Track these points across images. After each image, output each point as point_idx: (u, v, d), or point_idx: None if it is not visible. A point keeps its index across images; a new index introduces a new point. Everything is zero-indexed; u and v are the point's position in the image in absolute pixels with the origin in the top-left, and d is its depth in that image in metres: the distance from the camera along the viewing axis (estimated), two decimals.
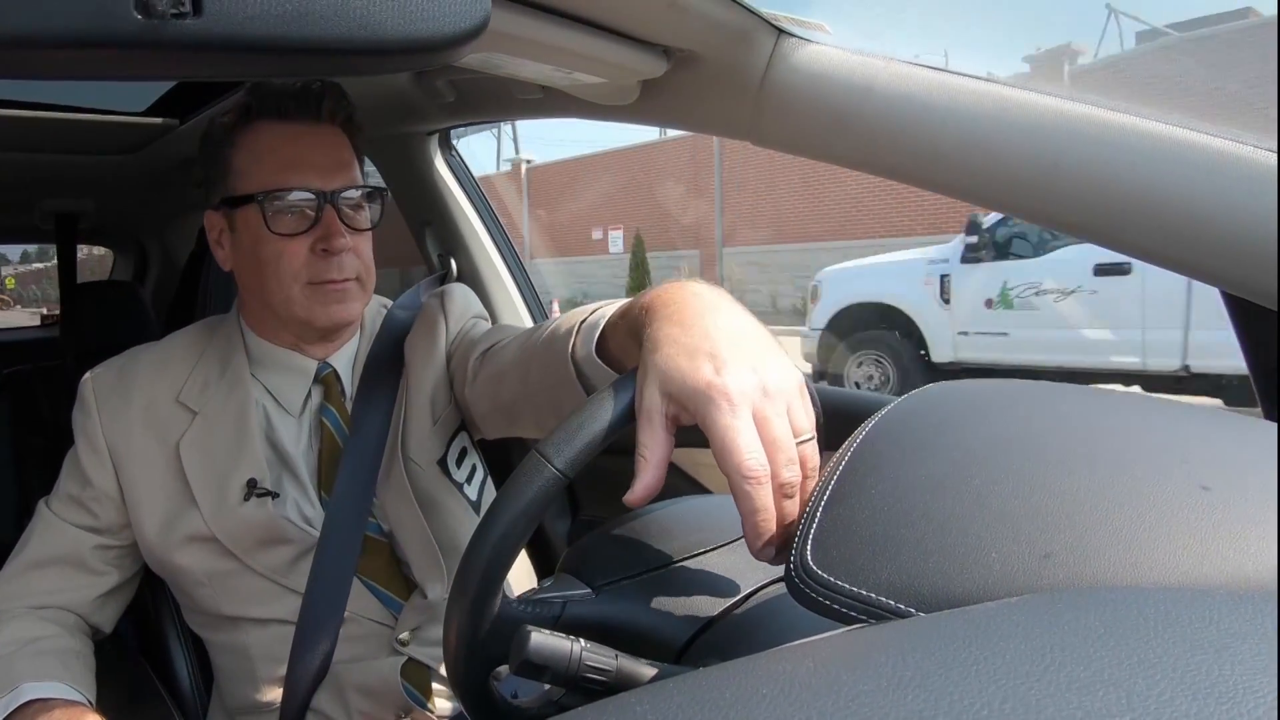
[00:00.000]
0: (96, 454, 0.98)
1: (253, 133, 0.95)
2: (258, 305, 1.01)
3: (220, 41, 0.43)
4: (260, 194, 0.92)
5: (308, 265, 0.94)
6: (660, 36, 0.84)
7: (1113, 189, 0.67)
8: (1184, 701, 0.23)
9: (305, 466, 1.01)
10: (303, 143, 0.95)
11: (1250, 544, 0.34)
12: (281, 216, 0.93)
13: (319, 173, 0.94)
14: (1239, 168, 0.62)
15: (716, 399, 0.52)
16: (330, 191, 0.94)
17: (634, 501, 0.54)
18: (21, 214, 2.01)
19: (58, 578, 0.97)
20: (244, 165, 0.95)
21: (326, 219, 0.93)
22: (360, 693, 0.96)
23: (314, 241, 0.94)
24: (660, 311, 0.61)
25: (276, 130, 0.95)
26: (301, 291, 0.95)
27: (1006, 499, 0.39)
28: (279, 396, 1.02)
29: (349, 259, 0.96)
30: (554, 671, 0.50)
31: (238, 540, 0.95)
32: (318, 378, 1.03)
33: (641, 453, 0.54)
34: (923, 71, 0.75)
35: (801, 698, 0.26)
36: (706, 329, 0.57)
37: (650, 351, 0.57)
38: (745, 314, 0.61)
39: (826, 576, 0.41)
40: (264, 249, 0.94)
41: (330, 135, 0.97)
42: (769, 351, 0.56)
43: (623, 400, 0.56)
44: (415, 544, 1.01)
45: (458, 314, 1.10)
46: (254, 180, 0.94)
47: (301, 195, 0.93)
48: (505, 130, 23.59)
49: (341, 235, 0.94)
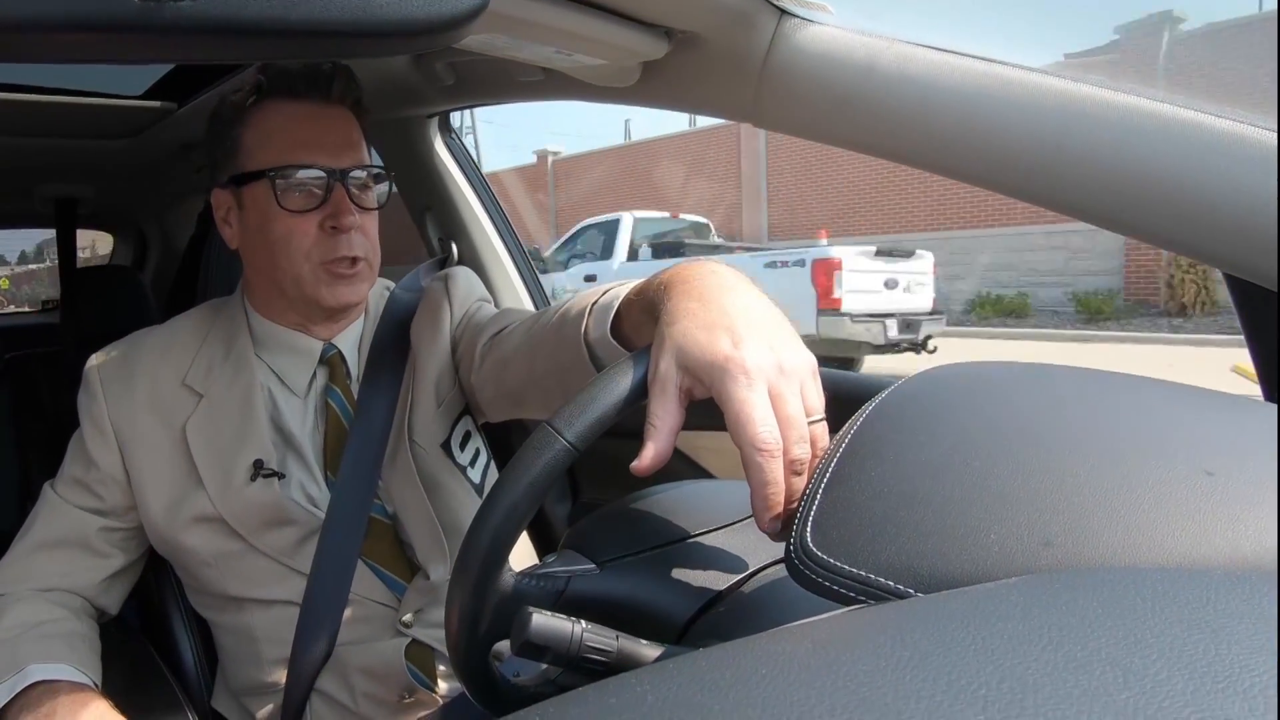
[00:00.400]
0: (102, 437, 0.98)
1: (263, 111, 0.96)
2: (264, 284, 1.01)
3: (217, 24, 0.43)
4: (271, 170, 0.93)
5: (318, 243, 0.95)
6: (661, 17, 0.83)
7: (1116, 171, 0.67)
8: (1181, 680, 0.23)
9: (311, 448, 1.01)
10: (314, 122, 0.96)
11: (1248, 525, 0.34)
12: (291, 193, 0.94)
13: (329, 152, 0.95)
14: (1242, 149, 0.62)
15: (734, 372, 0.53)
16: (340, 170, 0.95)
17: (641, 469, 0.54)
18: (20, 199, 2.00)
19: (64, 560, 0.97)
20: (254, 143, 0.95)
21: (336, 197, 0.94)
22: (364, 674, 0.97)
23: (323, 219, 0.94)
24: (679, 288, 0.62)
25: (287, 109, 0.95)
26: (312, 271, 0.95)
27: (1006, 481, 0.39)
28: (284, 377, 1.03)
29: (357, 237, 0.96)
30: (555, 652, 0.51)
31: (243, 521, 0.96)
32: (323, 359, 1.04)
33: (652, 421, 0.54)
34: (926, 52, 0.74)
35: (800, 678, 0.26)
36: (725, 306, 0.58)
37: (667, 324, 0.58)
38: (761, 295, 0.61)
39: (826, 558, 0.41)
40: (273, 226, 0.94)
41: (340, 116, 0.98)
42: (784, 331, 0.57)
43: (637, 374, 0.56)
44: (419, 526, 1.01)
45: (461, 297, 1.10)
46: (264, 157, 0.94)
47: (312, 173, 0.94)
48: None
49: (351, 213, 0.95)
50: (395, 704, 0.98)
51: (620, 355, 0.74)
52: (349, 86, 0.99)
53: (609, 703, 0.28)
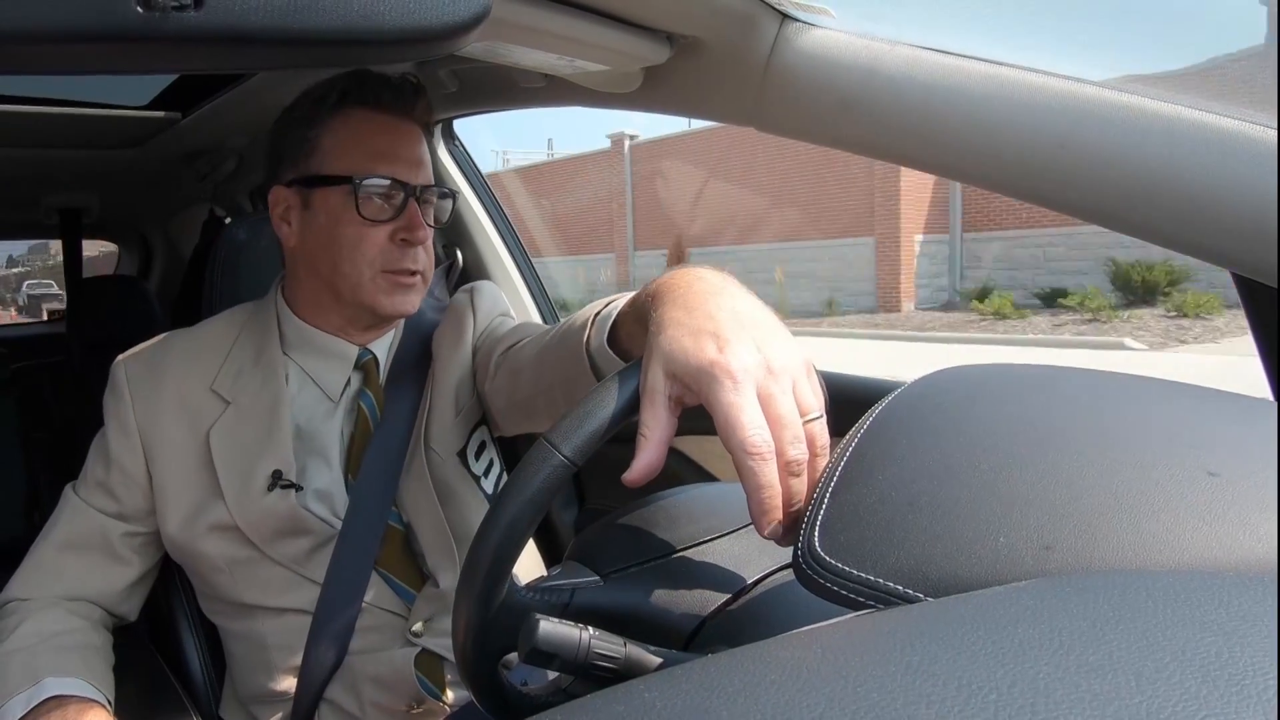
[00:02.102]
0: (127, 437, 0.99)
1: (346, 117, 0.97)
2: (316, 286, 1.02)
3: (221, 34, 0.43)
4: (355, 177, 0.94)
5: (384, 253, 0.96)
6: (663, 23, 0.83)
7: (1120, 171, 0.66)
8: (1193, 684, 0.23)
9: (336, 449, 1.02)
10: (394, 135, 0.98)
11: (1258, 527, 0.34)
12: (371, 202, 0.95)
13: (407, 166, 0.97)
14: (1247, 147, 0.62)
15: (720, 376, 0.52)
16: (417, 185, 0.97)
17: (632, 480, 0.54)
18: (27, 210, 2.01)
19: (85, 564, 0.98)
20: (333, 146, 0.96)
21: (410, 211, 0.96)
22: (373, 683, 0.97)
23: (394, 230, 0.96)
24: (665, 296, 0.62)
25: (370, 118, 0.97)
26: (373, 278, 0.97)
27: (1015, 485, 0.38)
28: (318, 379, 1.03)
29: (420, 252, 0.98)
30: (563, 659, 0.50)
31: (258, 530, 0.96)
32: (358, 364, 1.04)
33: (643, 431, 0.54)
34: (928, 55, 0.74)
35: (810, 683, 0.26)
36: (710, 311, 0.57)
37: (655, 334, 0.57)
38: (750, 297, 0.61)
39: (834, 562, 0.41)
40: (344, 231, 0.95)
41: (416, 132, 1.00)
42: (773, 331, 0.57)
43: (629, 387, 0.56)
44: (431, 533, 1.01)
45: (486, 310, 1.12)
46: (345, 163, 0.95)
47: (391, 185, 0.95)
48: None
49: (422, 228, 0.97)
50: (404, 713, 0.97)
51: (617, 366, 0.74)
52: (428, 106, 1.01)
53: (617, 710, 0.28)
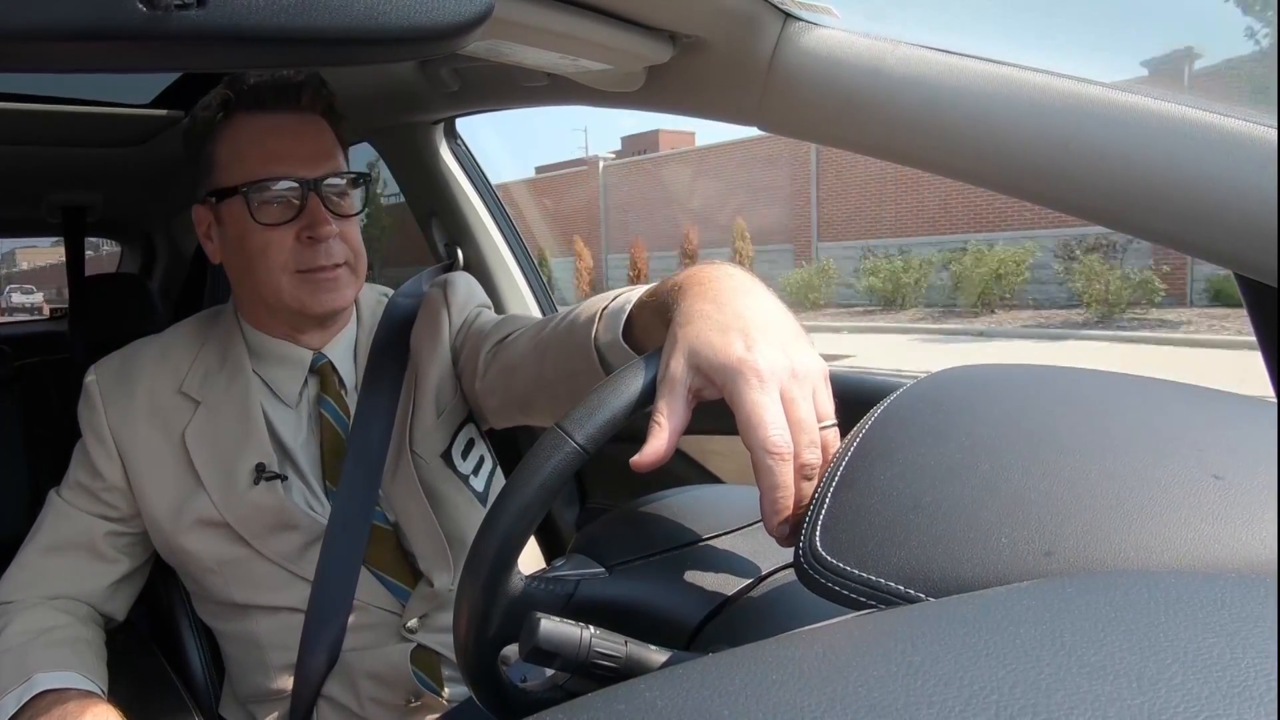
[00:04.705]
0: (103, 446, 0.99)
1: (234, 126, 0.95)
2: (249, 297, 1.02)
3: (224, 32, 0.43)
4: (244, 185, 0.92)
5: (294, 254, 0.94)
6: (666, 22, 0.83)
7: (1123, 171, 0.66)
8: (1195, 685, 0.23)
9: (306, 459, 1.01)
10: (284, 133, 0.95)
11: (1261, 528, 0.34)
12: (266, 206, 0.93)
13: (301, 162, 0.94)
14: (1249, 147, 0.62)
15: (747, 374, 0.52)
16: (314, 179, 0.94)
17: (640, 464, 0.54)
18: (29, 208, 2.01)
19: (70, 565, 0.98)
20: (226, 158, 0.95)
21: (311, 207, 0.94)
22: (371, 679, 0.97)
23: (300, 230, 0.94)
24: (693, 290, 0.62)
25: (257, 122, 0.95)
26: (290, 281, 0.95)
27: (1016, 485, 0.38)
28: (276, 388, 1.02)
29: (336, 245, 0.96)
30: (563, 658, 0.51)
31: (248, 525, 0.96)
32: (313, 368, 1.03)
33: (657, 419, 0.54)
34: (931, 54, 0.74)
35: (811, 683, 0.26)
36: (739, 309, 0.57)
37: (680, 325, 0.58)
38: (775, 299, 0.61)
39: (835, 562, 0.41)
40: (250, 240, 0.94)
41: (311, 124, 0.97)
42: (797, 336, 0.57)
43: (647, 376, 0.56)
44: (423, 536, 1.01)
45: (460, 303, 1.10)
46: (237, 172, 0.94)
47: (285, 185, 0.93)
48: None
49: (327, 223, 0.94)
50: (402, 709, 0.98)
51: (630, 360, 0.74)
52: (319, 94, 0.98)
53: (617, 709, 0.28)
